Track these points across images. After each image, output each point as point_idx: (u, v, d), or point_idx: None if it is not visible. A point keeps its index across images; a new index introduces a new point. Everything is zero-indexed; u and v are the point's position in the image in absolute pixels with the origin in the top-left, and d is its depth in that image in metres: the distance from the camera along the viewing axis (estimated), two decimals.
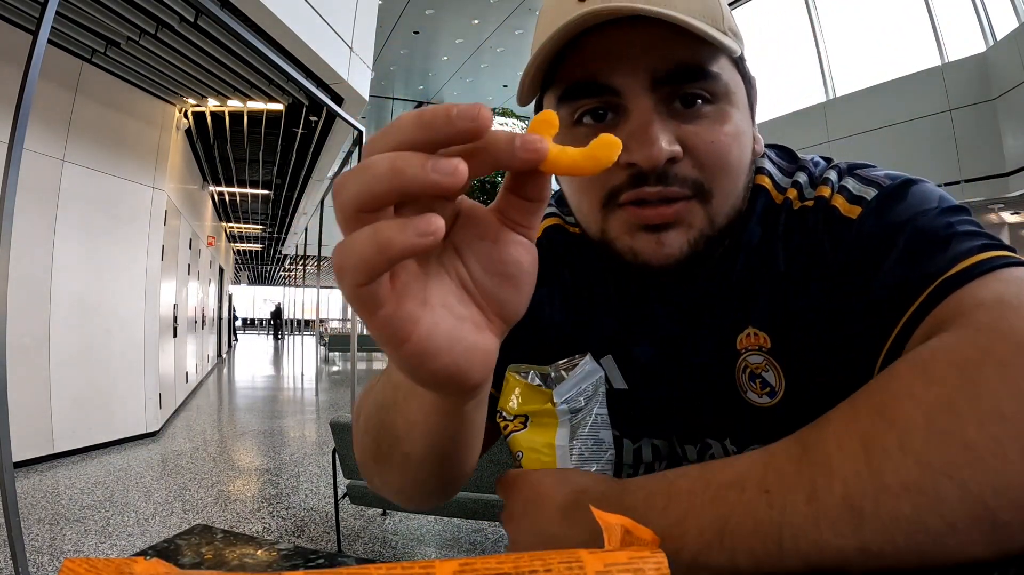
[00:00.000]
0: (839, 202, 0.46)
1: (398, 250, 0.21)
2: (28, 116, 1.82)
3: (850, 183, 0.47)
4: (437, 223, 0.22)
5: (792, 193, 0.49)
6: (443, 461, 0.40)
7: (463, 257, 0.28)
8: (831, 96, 9.30)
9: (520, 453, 0.42)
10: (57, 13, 2.05)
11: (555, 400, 0.41)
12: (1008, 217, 8.11)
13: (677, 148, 0.42)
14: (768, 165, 0.51)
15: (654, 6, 0.39)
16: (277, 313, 23.88)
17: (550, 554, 0.19)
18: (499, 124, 9.99)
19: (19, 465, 3.57)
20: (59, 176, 3.98)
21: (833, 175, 0.48)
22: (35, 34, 1.85)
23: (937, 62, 8.11)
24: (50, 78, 3.66)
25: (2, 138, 2.48)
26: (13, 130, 1.79)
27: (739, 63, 0.46)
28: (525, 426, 0.42)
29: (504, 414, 0.43)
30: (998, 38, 7.39)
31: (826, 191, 0.47)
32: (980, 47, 7.65)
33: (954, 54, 7.97)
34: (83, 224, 4.19)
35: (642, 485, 0.36)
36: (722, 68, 0.44)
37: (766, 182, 0.50)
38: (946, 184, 7.93)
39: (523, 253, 0.28)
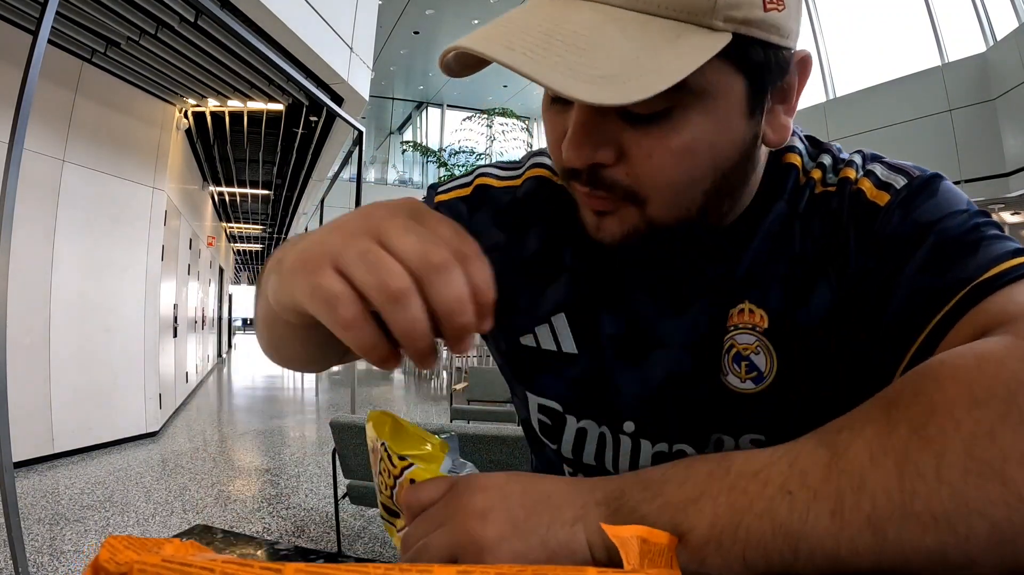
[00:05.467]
0: (865, 185, 0.44)
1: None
2: (28, 116, 1.82)
3: (877, 168, 0.45)
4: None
5: (816, 174, 0.47)
6: None
7: None
8: (831, 96, 9.29)
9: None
10: (57, 13, 2.05)
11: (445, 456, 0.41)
12: (1008, 217, 8.10)
13: (607, 154, 0.38)
14: (797, 143, 0.49)
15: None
16: None
17: (556, 570, 0.19)
18: (499, 124, 9.80)
19: (19, 465, 3.57)
20: (59, 176, 3.98)
21: (858, 159, 0.47)
22: (35, 34, 1.85)
23: (937, 62, 8.11)
24: (50, 78, 3.66)
25: (2, 138, 2.48)
26: (13, 130, 1.79)
27: (746, 49, 0.36)
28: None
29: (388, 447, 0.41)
30: (998, 38, 7.38)
31: (851, 173, 0.45)
32: (980, 47, 7.65)
33: (954, 54, 7.97)
34: (83, 224, 4.19)
35: (659, 468, 0.34)
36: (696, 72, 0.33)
37: (796, 160, 0.48)
38: None
39: None
